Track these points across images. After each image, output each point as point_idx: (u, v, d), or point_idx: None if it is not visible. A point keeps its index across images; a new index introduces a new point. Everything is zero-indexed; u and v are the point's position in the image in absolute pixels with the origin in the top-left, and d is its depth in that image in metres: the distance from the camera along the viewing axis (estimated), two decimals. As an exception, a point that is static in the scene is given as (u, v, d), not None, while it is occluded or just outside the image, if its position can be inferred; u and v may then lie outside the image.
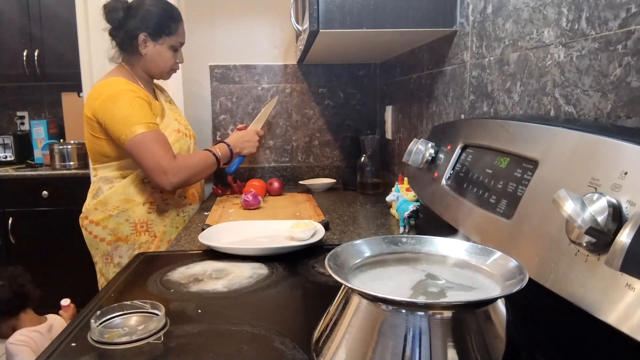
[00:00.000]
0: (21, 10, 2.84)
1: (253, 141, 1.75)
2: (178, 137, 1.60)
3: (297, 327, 0.75)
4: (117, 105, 1.43)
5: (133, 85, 1.49)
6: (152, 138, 1.43)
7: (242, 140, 1.72)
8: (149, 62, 1.55)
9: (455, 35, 1.27)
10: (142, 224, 1.55)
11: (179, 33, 1.57)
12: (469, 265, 0.63)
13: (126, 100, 1.43)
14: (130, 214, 1.54)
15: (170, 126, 1.59)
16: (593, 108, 0.73)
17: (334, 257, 0.60)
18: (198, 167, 1.53)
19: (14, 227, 2.68)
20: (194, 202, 1.71)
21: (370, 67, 2.33)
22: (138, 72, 1.58)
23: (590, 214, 0.48)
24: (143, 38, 1.51)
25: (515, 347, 0.54)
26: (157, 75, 1.61)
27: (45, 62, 2.87)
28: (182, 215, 1.65)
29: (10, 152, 3.01)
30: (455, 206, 0.86)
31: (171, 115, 1.63)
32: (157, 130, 1.46)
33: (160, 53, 1.55)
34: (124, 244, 1.55)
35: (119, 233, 1.55)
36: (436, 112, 1.45)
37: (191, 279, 0.97)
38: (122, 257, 1.55)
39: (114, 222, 1.54)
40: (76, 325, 0.76)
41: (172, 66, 1.60)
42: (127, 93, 1.44)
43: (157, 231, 1.58)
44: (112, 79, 1.49)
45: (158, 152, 1.43)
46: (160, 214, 1.58)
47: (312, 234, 1.17)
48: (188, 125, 1.73)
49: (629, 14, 0.65)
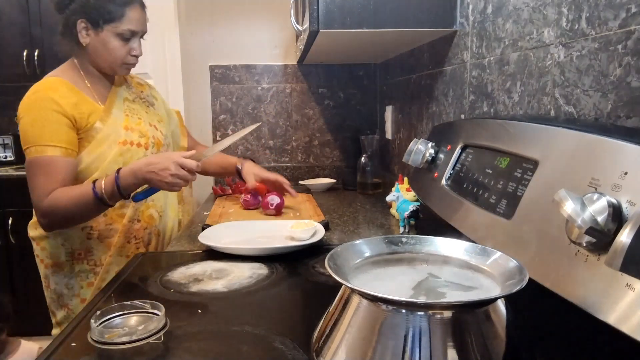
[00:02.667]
0: (21, 10, 2.83)
1: (164, 175, 1.16)
2: (122, 150, 1.30)
3: (297, 327, 0.75)
4: (27, 115, 1.23)
5: (57, 89, 1.25)
6: (40, 165, 1.20)
7: (149, 169, 1.17)
8: (93, 54, 1.30)
9: (455, 35, 1.27)
10: (79, 250, 1.32)
11: (126, 19, 1.28)
12: (469, 265, 0.63)
13: (35, 112, 1.22)
14: (67, 238, 1.31)
15: (111, 137, 1.30)
16: (593, 108, 0.73)
17: (334, 257, 0.60)
18: (73, 207, 1.20)
19: (14, 227, 2.68)
20: (151, 224, 1.40)
21: (370, 67, 2.33)
22: (86, 67, 1.33)
23: (590, 214, 0.48)
24: (83, 25, 1.27)
25: (515, 347, 0.54)
26: (107, 69, 1.33)
27: (45, 62, 2.87)
28: (134, 242, 1.36)
29: (10, 152, 3.01)
30: (455, 206, 0.86)
31: (120, 122, 1.33)
32: (53, 157, 1.20)
33: (103, 43, 1.28)
34: (61, 271, 1.33)
35: (55, 257, 1.33)
36: (436, 112, 1.45)
37: (191, 279, 0.97)
38: (59, 284, 1.34)
39: (50, 244, 1.33)
40: (76, 325, 0.76)
41: (123, 59, 1.31)
42: (41, 103, 1.22)
43: (100, 259, 1.33)
44: (43, 81, 1.28)
45: (35, 184, 1.20)
46: (103, 241, 1.32)
47: (312, 234, 1.17)
48: (147, 132, 1.38)
49: (629, 14, 0.65)
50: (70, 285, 1.35)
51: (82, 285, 1.34)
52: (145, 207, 1.39)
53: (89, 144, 1.28)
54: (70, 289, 1.35)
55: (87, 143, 1.28)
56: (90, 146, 1.28)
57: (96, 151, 1.28)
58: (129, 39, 1.30)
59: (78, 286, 1.34)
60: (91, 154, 1.28)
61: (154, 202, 1.41)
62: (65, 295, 1.35)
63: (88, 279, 1.34)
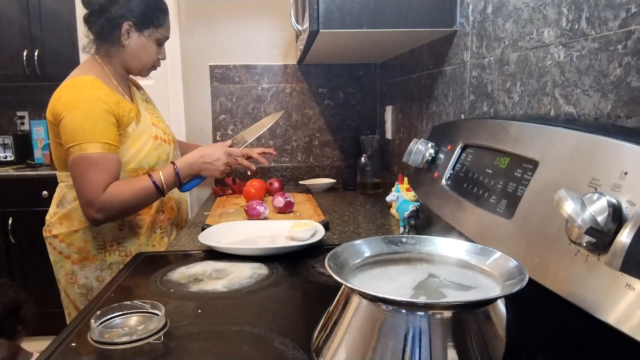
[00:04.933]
0: (21, 10, 2.83)
1: (218, 164, 1.36)
2: (156, 144, 1.39)
3: (297, 327, 0.75)
4: (73, 113, 1.23)
5: (100, 87, 1.29)
6: (93, 162, 1.23)
7: (204, 160, 1.36)
8: (130, 56, 1.37)
9: (455, 35, 1.27)
10: (111, 242, 1.37)
11: (166, 26, 1.40)
12: (469, 265, 0.63)
13: (84, 110, 1.23)
14: (99, 230, 1.35)
15: (147, 132, 1.38)
16: (593, 108, 0.73)
17: (334, 257, 0.60)
18: (132, 200, 1.28)
19: (14, 227, 2.68)
20: (172, 215, 1.50)
21: (370, 67, 2.33)
22: (114, 67, 1.38)
23: (590, 214, 0.48)
24: (127, 27, 1.32)
25: (515, 347, 0.54)
26: (136, 71, 1.42)
27: (45, 62, 2.87)
28: (159, 231, 1.45)
29: (10, 152, 3.01)
30: (455, 206, 0.86)
31: (148, 119, 1.42)
32: (105, 154, 1.24)
33: (144, 46, 1.37)
34: (91, 264, 1.37)
35: (85, 252, 1.36)
36: (436, 112, 1.45)
37: (191, 279, 0.97)
38: (88, 278, 1.38)
39: (79, 238, 1.36)
40: (76, 325, 0.76)
41: (154, 62, 1.43)
42: (89, 102, 1.25)
43: (130, 250, 1.38)
44: (78, 79, 1.30)
45: (89, 180, 1.22)
46: (133, 231, 1.39)
47: (312, 234, 1.17)
48: (167, 129, 1.50)
49: (629, 14, 0.65)
50: (102, 278, 1.38)
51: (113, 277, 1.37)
52: (168, 199, 1.47)
53: (127, 139, 1.34)
54: (101, 281, 1.38)
55: (126, 139, 1.33)
56: (128, 142, 1.34)
57: (134, 146, 1.35)
58: (162, 44, 1.43)
59: (109, 278, 1.35)
60: (130, 149, 1.34)
61: (173, 195, 1.50)
62: (96, 288, 1.38)
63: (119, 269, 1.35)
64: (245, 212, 1.49)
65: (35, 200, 2.72)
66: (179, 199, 1.57)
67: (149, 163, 1.36)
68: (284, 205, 1.55)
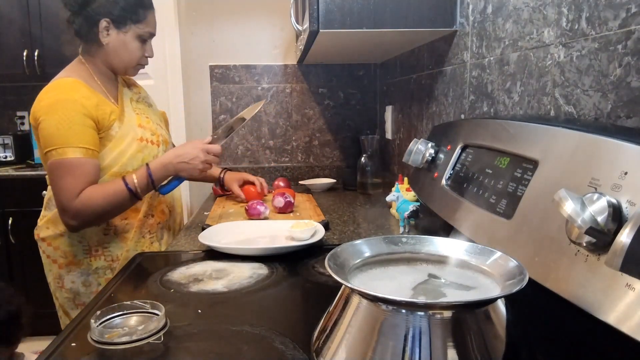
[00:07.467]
0: (21, 10, 2.83)
1: (196, 163, 1.28)
2: (141, 146, 1.33)
3: (297, 327, 0.75)
4: (49, 117, 1.20)
5: (79, 90, 1.25)
6: (68, 167, 1.20)
7: (180, 160, 1.27)
8: (111, 54, 1.32)
9: (455, 35, 1.27)
10: (96, 246, 1.33)
11: (148, 22, 1.33)
12: (469, 265, 0.63)
13: (60, 114, 1.20)
14: (83, 235, 1.31)
15: (130, 134, 1.32)
16: (593, 108, 0.73)
17: (334, 257, 0.60)
18: (107, 205, 1.23)
19: (14, 227, 2.68)
20: (163, 219, 1.44)
21: (370, 67, 2.33)
22: (98, 67, 1.34)
23: (590, 214, 0.48)
24: (105, 25, 1.27)
25: (515, 347, 0.54)
26: (121, 70, 1.36)
27: (45, 62, 2.87)
28: (149, 236, 1.38)
29: (10, 152, 3.01)
30: (455, 206, 0.86)
31: (134, 120, 1.36)
32: (80, 159, 1.20)
33: (124, 43, 1.31)
34: (77, 269, 1.34)
35: (71, 256, 1.33)
36: (436, 112, 1.45)
37: (191, 279, 0.97)
38: (75, 282, 1.34)
39: (64, 242, 1.33)
40: (76, 325, 0.76)
41: (138, 60, 1.35)
42: (66, 105, 1.21)
43: (116, 255, 1.34)
44: (59, 82, 1.27)
45: (62, 186, 1.20)
46: (120, 235, 1.34)
47: (312, 234, 1.17)
48: (157, 130, 1.42)
49: (629, 14, 0.65)
50: (88, 283, 1.36)
51: (99, 282, 1.35)
52: (158, 202, 1.42)
53: (109, 142, 1.29)
54: (87, 286, 1.36)
55: (108, 142, 1.29)
56: (110, 145, 1.29)
57: (116, 149, 1.30)
58: (146, 41, 1.35)
59: (96, 283, 1.35)
60: (112, 152, 1.29)
61: (164, 197, 1.44)
62: (82, 293, 1.36)
63: (105, 275, 1.34)
64: (246, 212, 1.49)
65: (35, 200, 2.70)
66: (171, 202, 1.50)
67: (133, 166, 1.30)
68: (284, 205, 1.55)
